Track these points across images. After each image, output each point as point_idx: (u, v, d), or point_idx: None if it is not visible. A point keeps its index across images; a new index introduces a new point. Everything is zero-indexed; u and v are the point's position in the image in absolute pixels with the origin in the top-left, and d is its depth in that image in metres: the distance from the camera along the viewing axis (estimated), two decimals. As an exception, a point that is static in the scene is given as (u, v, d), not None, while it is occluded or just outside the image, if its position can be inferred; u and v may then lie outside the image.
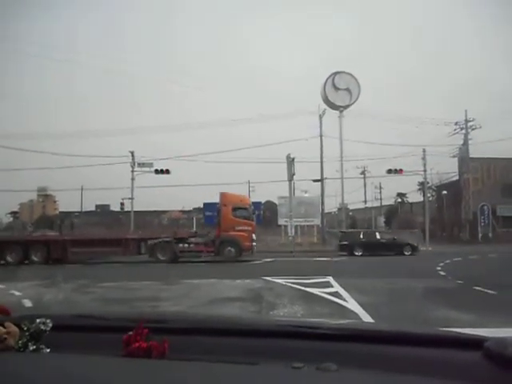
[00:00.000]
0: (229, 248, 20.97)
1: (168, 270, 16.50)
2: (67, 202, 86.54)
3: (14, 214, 66.22)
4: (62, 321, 1.37)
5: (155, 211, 51.15)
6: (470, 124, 39.06)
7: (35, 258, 21.00)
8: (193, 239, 21.97)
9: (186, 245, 21.41)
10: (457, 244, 34.62)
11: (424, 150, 35.52)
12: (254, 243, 21.70)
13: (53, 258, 21.29)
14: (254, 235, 21.65)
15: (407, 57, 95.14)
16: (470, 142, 39.48)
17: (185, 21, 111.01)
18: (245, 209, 21.81)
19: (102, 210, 60.79)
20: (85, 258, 21.06)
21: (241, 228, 21.17)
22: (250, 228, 21.43)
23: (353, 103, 37.05)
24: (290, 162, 35.03)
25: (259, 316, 6.73)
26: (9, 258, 20.97)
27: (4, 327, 1.16)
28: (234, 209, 21.53)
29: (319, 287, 10.70)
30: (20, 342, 1.16)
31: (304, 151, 54.68)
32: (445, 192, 44.46)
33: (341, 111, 36.34)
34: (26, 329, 1.18)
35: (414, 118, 42.02)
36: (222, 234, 21.25)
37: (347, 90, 37.35)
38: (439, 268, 15.59)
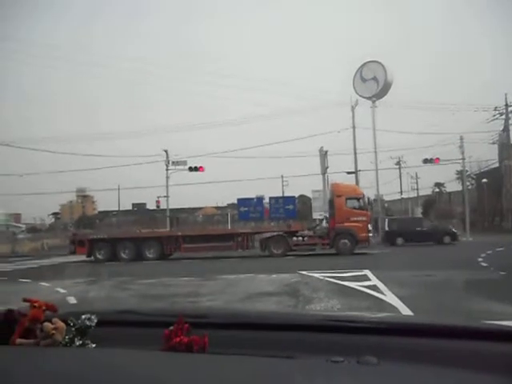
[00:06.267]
0: (344, 240, 20.47)
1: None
2: (105, 202, 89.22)
3: (55, 214, 68.73)
4: (106, 316, 1.41)
5: (190, 208, 51.82)
6: (510, 109, 37.57)
7: (149, 255, 21.38)
8: (307, 232, 21.67)
9: (300, 238, 21.16)
10: (499, 234, 33.41)
11: (461, 138, 34.44)
12: (371, 234, 21.19)
13: (166, 253, 21.79)
14: (369, 226, 21.16)
15: (443, 43, 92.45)
16: (510, 127, 38.01)
17: (214, 18, 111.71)
18: (359, 199, 21.26)
19: (139, 208, 62.18)
20: (197, 253, 21.33)
21: (356, 219, 20.54)
22: (365, 218, 20.82)
23: (381, 90, 35.56)
24: (323, 155, 34.67)
25: (296, 310, 6.73)
26: (123, 255, 21.41)
27: (52, 323, 1.21)
28: (348, 199, 21.01)
29: (357, 281, 10.61)
30: (67, 337, 1.20)
31: (337, 144, 54.09)
32: (485, 180, 42.95)
33: (373, 101, 35.43)
34: (72, 324, 1.22)
35: (451, 105, 40.89)
36: (337, 225, 20.68)
37: (374, 78, 35.95)
38: (481, 259, 15.12)
